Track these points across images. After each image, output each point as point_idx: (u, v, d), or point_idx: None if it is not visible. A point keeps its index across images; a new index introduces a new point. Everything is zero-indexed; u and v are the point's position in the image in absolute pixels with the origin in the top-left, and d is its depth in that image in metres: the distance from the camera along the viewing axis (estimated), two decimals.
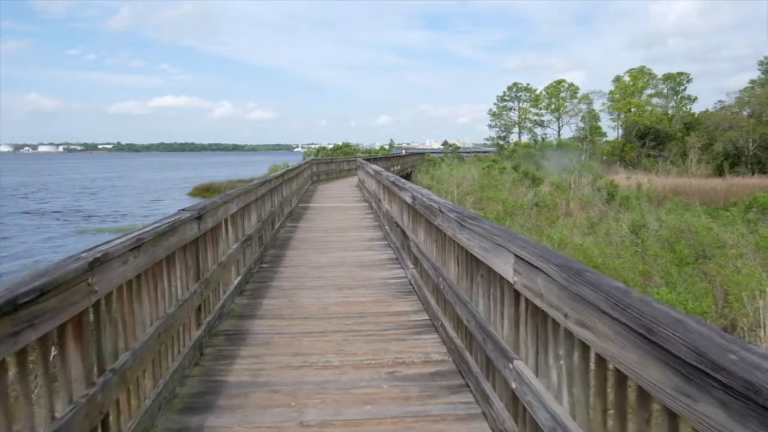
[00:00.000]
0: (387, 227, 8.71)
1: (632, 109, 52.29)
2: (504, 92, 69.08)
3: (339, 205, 14.31)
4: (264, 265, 6.98)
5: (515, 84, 69.12)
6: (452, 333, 3.86)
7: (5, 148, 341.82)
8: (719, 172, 42.28)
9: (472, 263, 3.31)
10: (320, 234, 9.48)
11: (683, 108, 57.18)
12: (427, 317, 4.74)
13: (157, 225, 3.15)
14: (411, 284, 5.81)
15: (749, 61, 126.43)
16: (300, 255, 7.66)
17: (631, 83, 54.76)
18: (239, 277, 5.54)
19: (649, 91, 57.09)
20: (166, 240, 3.20)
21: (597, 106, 57.92)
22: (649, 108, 53.00)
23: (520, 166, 28.00)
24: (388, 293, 5.60)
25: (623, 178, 27.39)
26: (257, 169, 47.77)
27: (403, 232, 6.55)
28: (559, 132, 61.34)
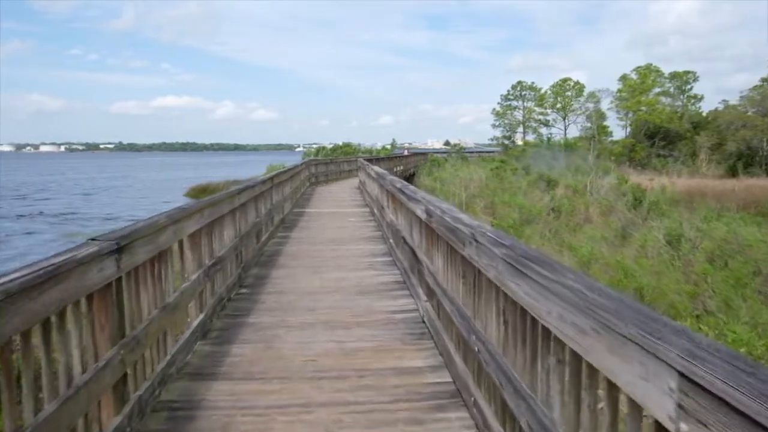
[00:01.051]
0: (392, 240, 7.45)
1: (642, 108, 50.84)
2: (508, 91, 67.65)
3: (338, 210, 13.06)
4: (243, 290, 5.72)
5: (519, 83, 67.62)
6: (494, 423, 2.60)
7: (7, 148, 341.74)
8: (732, 173, 40.89)
9: (538, 332, 2.05)
10: (314, 247, 8.22)
11: (689, 107, 55.77)
12: (450, 379, 3.47)
13: (15, 274, 1.89)
14: (424, 322, 4.54)
15: (748, 61, 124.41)
16: (288, 276, 6.39)
17: (640, 81, 53.32)
18: (202, 315, 4.28)
19: (656, 90, 55.67)
20: (37, 298, 1.94)
21: (604, 105, 56.55)
22: (659, 107, 51.55)
23: (531, 167, 26.51)
24: (395, 335, 4.34)
25: (646, 180, 25.80)
26: (256, 168, 46.54)
27: (413, 252, 5.29)
28: (565, 131, 59.89)
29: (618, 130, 57.81)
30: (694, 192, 25.67)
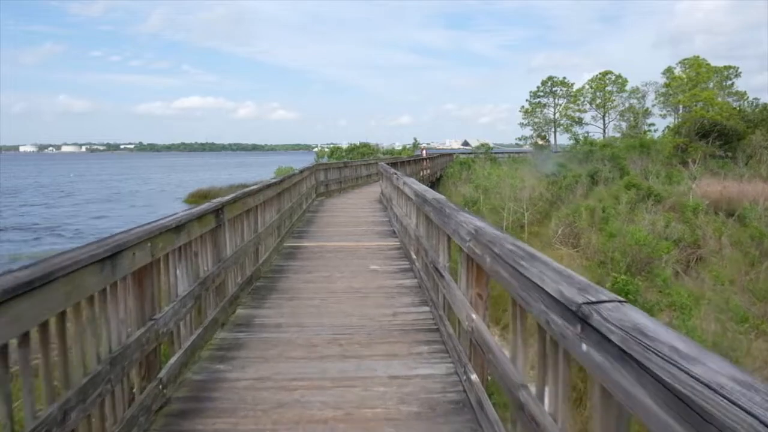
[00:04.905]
0: (471, 364, 3.00)
1: (698, 104, 45.47)
2: (538, 87, 62.66)
3: (352, 244, 8.59)
4: None
5: (550, 78, 62.55)
6: None
7: (30, 148, 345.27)
8: None
9: None
10: (295, 370, 3.74)
11: (731, 104, 50.48)
12: None
13: None
14: None
15: None
16: None
17: (694, 73, 47.93)
18: None
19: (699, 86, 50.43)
20: None
21: (648, 101, 51.21)
22: (719, 101, 46.17)
23: (601, 171, 21.49)
24: None
25: (720, 186, 20.64)
26: (264, 170, 42.46)
27: None
28: (604, 130, 54.51)
29: (660, 127, 52.60)
30: None
